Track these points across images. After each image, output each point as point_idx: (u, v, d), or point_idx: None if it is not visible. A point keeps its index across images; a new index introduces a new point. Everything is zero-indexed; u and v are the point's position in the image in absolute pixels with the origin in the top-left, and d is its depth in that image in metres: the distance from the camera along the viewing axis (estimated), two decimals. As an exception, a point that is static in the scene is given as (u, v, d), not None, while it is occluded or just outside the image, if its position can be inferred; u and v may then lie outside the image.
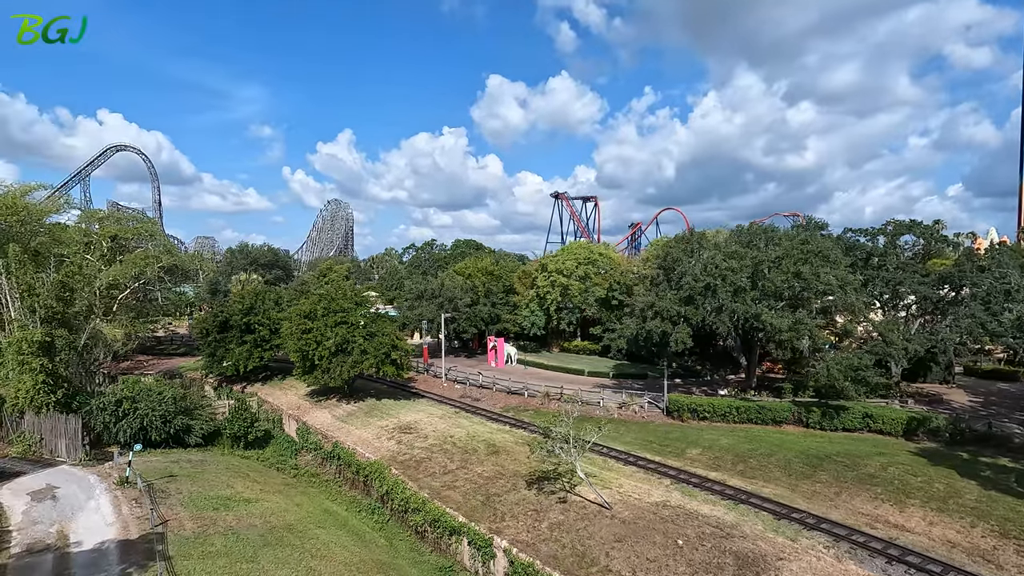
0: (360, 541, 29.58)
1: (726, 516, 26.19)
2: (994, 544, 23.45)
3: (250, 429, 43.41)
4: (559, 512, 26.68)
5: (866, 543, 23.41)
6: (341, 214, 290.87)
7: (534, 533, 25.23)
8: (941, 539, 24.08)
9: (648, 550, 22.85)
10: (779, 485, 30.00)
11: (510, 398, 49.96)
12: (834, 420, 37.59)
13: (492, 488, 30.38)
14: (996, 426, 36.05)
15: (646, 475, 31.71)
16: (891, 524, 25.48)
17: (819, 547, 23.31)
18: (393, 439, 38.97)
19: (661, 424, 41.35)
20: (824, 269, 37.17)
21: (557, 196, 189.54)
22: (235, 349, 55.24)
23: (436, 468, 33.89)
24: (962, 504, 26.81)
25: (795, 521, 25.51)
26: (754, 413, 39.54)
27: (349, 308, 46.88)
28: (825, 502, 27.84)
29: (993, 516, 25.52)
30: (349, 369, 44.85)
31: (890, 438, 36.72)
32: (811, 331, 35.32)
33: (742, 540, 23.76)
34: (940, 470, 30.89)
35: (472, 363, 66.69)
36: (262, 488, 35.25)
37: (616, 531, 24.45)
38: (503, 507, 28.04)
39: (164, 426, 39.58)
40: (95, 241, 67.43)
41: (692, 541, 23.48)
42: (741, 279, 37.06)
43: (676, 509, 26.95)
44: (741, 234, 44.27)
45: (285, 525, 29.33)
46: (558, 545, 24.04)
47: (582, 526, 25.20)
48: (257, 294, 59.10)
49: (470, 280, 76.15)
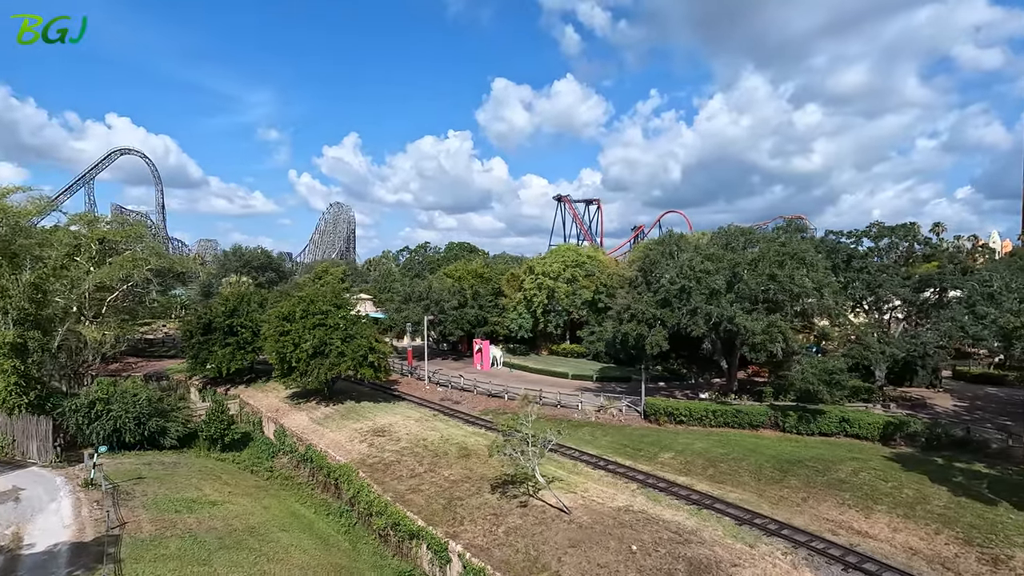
0: (323, 544, 29.35)
1: (687, 521, 25.82)
2: (956, 552, 22.98)
3: (227, 431, 43.29)
4: (518, 516, 26.36)
5: (825, 550, 23.00)
6: (343, 217, 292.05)
7: (490, 537, 24.93)
8: (903, 546, 23.62)
9: (600, 556, 22.50)
10: (747, 490, 29.59)
11: (490, 401, 49.68)
12: (810, 424, 37.12)
13: (456, 492, 30.10)
14: (974, 431, 35.47)
15: (614, 479, 31.35)
16: (855, 530, 25.03)
17: (777, 553, 22.91)
18: (365, 442, 38.75)
19: (638, 428, 40.96)
20: (800, 272, 36.74)
21: (560, 199, 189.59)
22: (218, 351, 55.24)
23: (404, 471, 33.65)
24: (929, 510, 26.33)
25: (756, 527, 25.11)
26: (730, 417, 39.13)
27: (328, 310, 46.75)
28: (791, 507, 27.41)
29: (959, 523, 25.04)
30: (327, 371, 44.70)
31: (866, 443, 36.21)
32: (784, 334, 34.88)
33: (699, 546, 23.38)
34: (912, 475, 30.40)
35: (458, 366, 66.43)
36: (231, 491, 35.11)
37: (572, 536, 24.12)
38: (464, 511, 27.75)
39: (138, 428, 39.51)
40: (84, 243, 67.74)
41: (647, 547, 23.12)
42: (716, 281, 36.68)
43: (638, 514, 26.59)
44: (721, 236, 43.88)
45: (247, 528, 29.14)
46: (512, 550, 23.73)
47: (539, 531, 24.88)
48: (241, 296, 59.13)
49: (459, 283, 76.03)
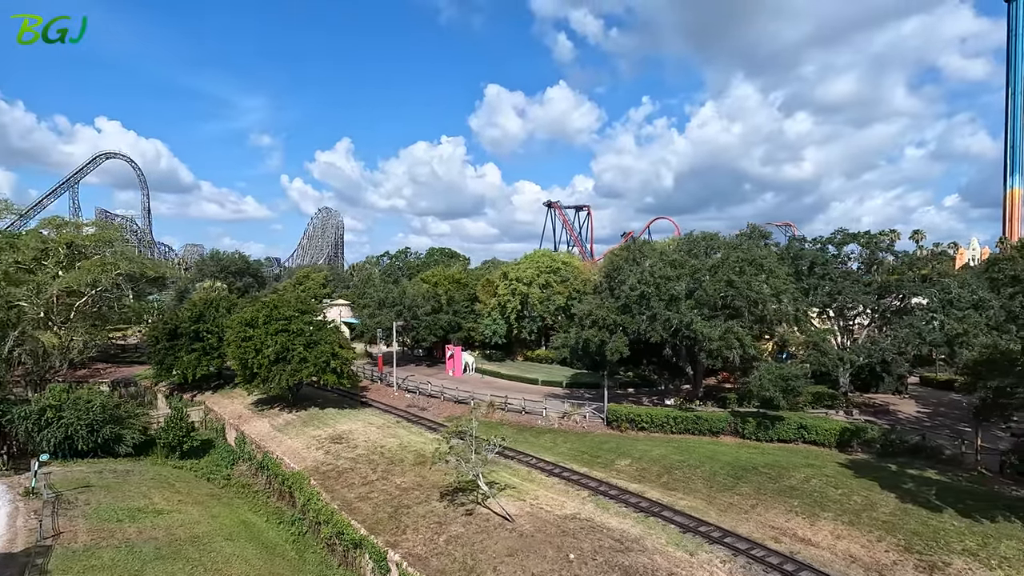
0: (268, 554, 28.82)
1: (632, 529, 25.60)
2: (895, 559, 22.91)
3: (185, 439, 42.60)
4: (461, 525, 26.02)
5: (764, 558, 22.84)
6: (332, 222, 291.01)
7: (430, 546, 24.57)
8: (844, 554, 23.51)
9: (536, 564, 22.21)
10: (697, 497, 29.42)
11: (456, 407, 49.25)
12: (769, 431, 37.06)
13: (405, 500, 29.70)
14: (930, 438, 35.55)
15: (567, 486, 31.08)
16: (798, 538, 24.90)
17: (715, 561, 22.72)
18: (322, 449, 38.25)
19: (600, 434, 40.75)
20: (759, 278, 36.81)
21: (550, 205, 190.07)
22: (183, 357, 54.53)
23: (356, 479, 33.20)
24: (875, 517, 26.27)
25: (700, 535, 24.92)
26: (691, 423, 39.01)
27: (291, 316, 46.28)
28: (739, 515, 27.26)
29: (903, 530, 24.98)
30: (288, 377, 44.19)
31: (824, 449, 36.19)
32: (741, 340, 34.84)
33: (639, 554, 23.15)
34: (863, 482, 30.37)
35: (431, 372, 66.00)
36: (181, 499, 34.47)
37: (511, 545, 23.81)
38: (409, 519, 27.36)
39: (91, 435, 38.79)
40: (52, 248, 66.78)
41: (585, 555, 22.85)
42: (675, 288, 36.65)
43: (584, 522, 26.34)
44: (685, 243, 43.95)
45: (190, 537, 28.56)
46: (449, 559, 23.38)
47: (479, 539, 24.55)
48: (207, 302, 58.46)
49: (435, 288, 75.71)
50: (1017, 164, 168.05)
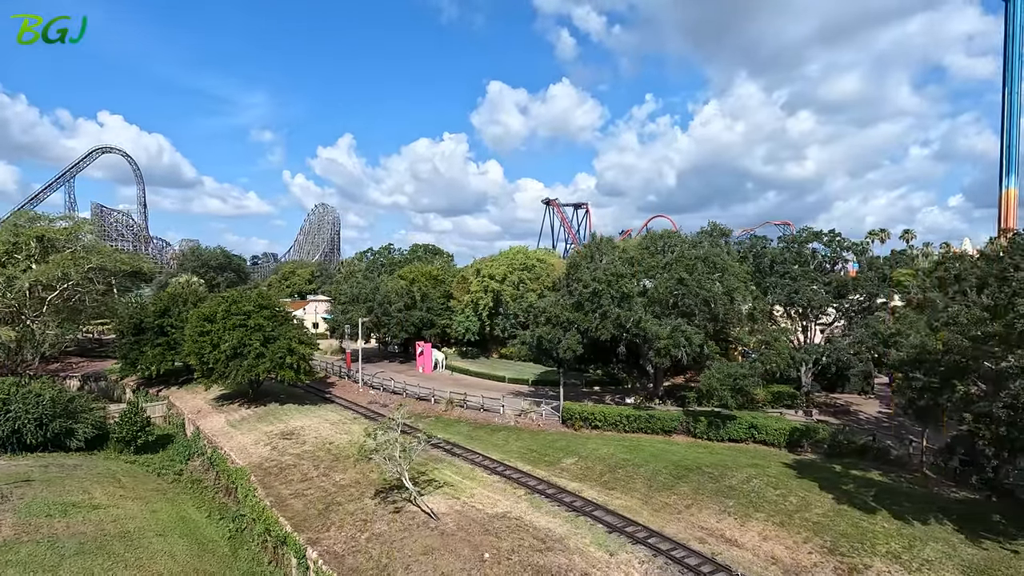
0: (199, 550, 28.54)
1: (559, 528, 25.31)
2: (816, 561, 22.61)
3: (140, 433, 42.35)
4: (386, 522, 25.75)
5: (683, 559, 22.54)
6: (328, 218, 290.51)
7: (350, 544, 24.30)
8: (766, 555, 23.22)
9: (449, 563, 21.92)
10: (634, 496, 29.14)
11: (418, 404, 49.00)
12: (720, 430, 36.75)
13: (340, 497, 29.42)
14: (880, 439, 35.25)
15: (505, 485, 30.78)
16: (724, 539, 24.61)
17: (634, 562, 22.44)
18: (270, 445, 37.99)
19: (554, 433, 40.43)
20: (713, 276, 36.45)
21: (548, 203, 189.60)
22: (148, 352, 54.25)
23: (297, 475, 32.93)
24: (807, 518, 25.97)
25: (626, 535, 24.62)
26: (644, 422, 38.69)
27: (250, 311, 45.97)
28: (671, 515, 26.98)
29: (831, 531, 24.70)
30: (245, 373, 43.89)
31: (773, 449, 35.91)
32: (689, 339, 34.49)
33: (557, 554, 22.86)
34: (803, 483, 30.07)
35: (403, 368, 65.76)
36: (124, 494, 34.23)
37: (429, 543, 23.52)
38: (337, 516, 27.10)
39: (39, 429, 38.53)
40: (22, 242, 66.52)
41: (501, 554, 22.56)
42: (627, 285, 36.30)
43: (512, 520, 26.05)
44: (647, 240, 43.58)
45: (120, 533, 28.31)
46: (365, 557, 23.12)
47: (400, 537, 24.27)
48: (173, 296, 58.15)
49: (413, 285, 75.40)
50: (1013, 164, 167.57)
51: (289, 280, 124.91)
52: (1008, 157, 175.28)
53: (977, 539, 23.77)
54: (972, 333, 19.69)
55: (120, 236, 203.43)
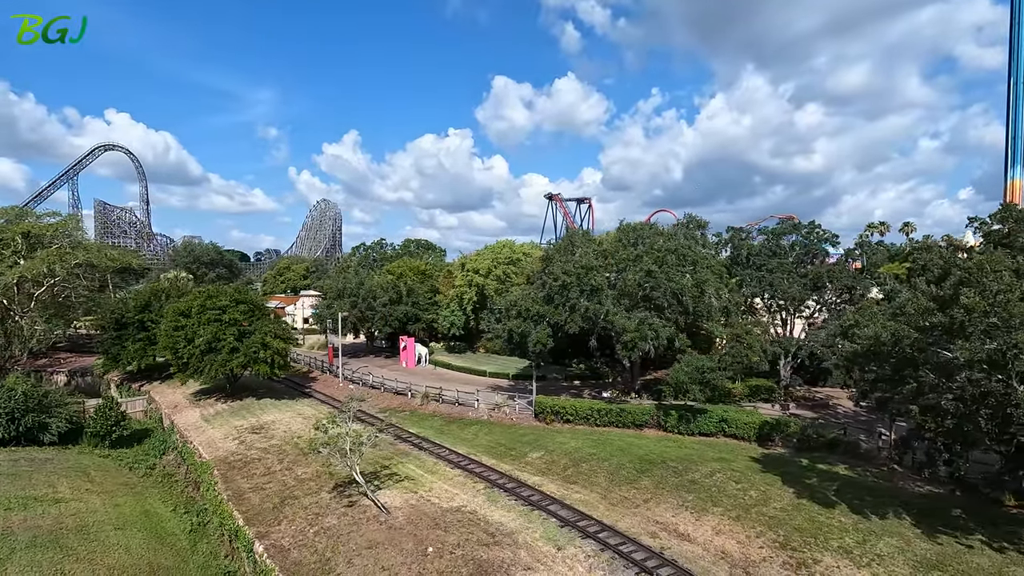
0: (157, 544, 28.47)
1: (512, 523, 25.06)
2: (766, 555, 22.26)
3: (114, 428, 42.39)
4: (337, 517, 25.59)
5: (631, 553, 22.22)
6: (329, 214, 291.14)
7: (297, 538, 24.16)
8: (717, 549, 22.88)
9: (390, 557, 21.73)
10: (594, 491, 28.85)
11: (395, 399, 48.94)
12: (690, 424, 36.37)
13: (298, 491, 29.29)
14: (851, 433, 34.80)
15: (466, 479, 30.55)
16: (677, 533, 24.29)
17: (580, 556, 22.16)
18: (238, 439, 37.93)
19: (526, 427, 40.17)
20: (685, 268, 35.99)
21: (551, 197, 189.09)
22: (129, 347, 54.36)
23: (260, 469, 32.84)
24: (764, 512, 25.62)
25: (578, 529, 24.32)
26: (615, 416, 38.36)
27: (226, 305, 45.87)
28: (628, 509, 26.68)
29: (787, 526, 24.34)
30: (219, 367, 43.85)
31: (743, 443, 35.51)
32: (657, 332, 34.06)
33: (504, 548, 22.61)
34: (768, 477, 29.71)
35: (387, 363, 65.67)
36: (90, 488, 34.26)
37: (375, 537, 23.34)
38: (291, 510, 26.97)
39: (11, 423, 38.64)
40: (8, 238, 66.78)
41: (445, 548, 22.34)
42: (596, 278, 35.90)
43: (466, 514, 25.83)
44: (621, 232, 43.09)
45: (78, 527, 28.30)
46: (310, 551, 22.96)
47: (348, 532, 24.10)
48: (155, 291, 58.22)
49: (400, 279, 75.23)
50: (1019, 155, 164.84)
51: (284, 276, 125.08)
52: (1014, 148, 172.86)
53: (934, 534, 23.37)
54: (919, 323, 19.22)
55: (123, 233, 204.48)
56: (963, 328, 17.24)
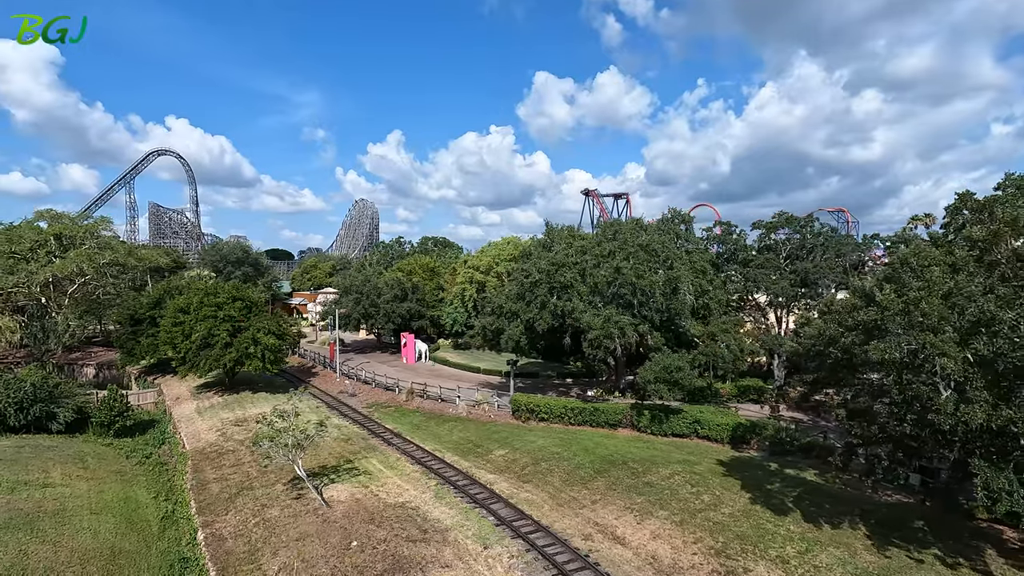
0: (126, 529, 29.82)
1: (449, 520, 25.02)
2: (697, 562, 21.46)
3: (117, 418, 44.72)
4: (280, 508, 26.18)
5: (555, 555, 21.82)
6: (367, 213, 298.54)
7: (238, 528, 24.87)
8: (647, 554, 22.21)
9: (313, 550, 22.06)
10: (544, 490, 28.49)
11: (384, 394, 49.65)
12: (663, 425, 35.40)
13: (257, 482, 30.12)
14: (830, 437, 33.04)
15: (423, 475, 30.68)
16: (612, 536, 23.71)
17: (504, 555, 21.92)
18: (220, 431, 39.32)
19: (502, 424, 40.00)
20: (656, 264, 34.98)
21: (587, 193, 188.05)
22: (143, 342, 57.17)
23: (231, 460, 33.96)
24: (709, 518, 24.70)
25: (512, 528, 24.08)
26: (589, 415, 37.73)
27: (222, 302, 47.62)
28: (573, 510, 26.21)
29: (729, 532, 23.41)
30: (212, 362, 45.58)
31: (717, 445, 34.33)
32: (623, 330, 33.20)
33: (430, 545, 22.59)
34: (727, 480, 28.62)
35: (389, 359, 66.68)
36: (81, 475, 36.24)
37: (307, 530, 23.75)
38: (244, 501, 27.77)
39: (20, 413, 41.32)
40: (43, 239, 71.52)
41: (370, 543, 22.51)
42: (566, 275, 35.34)
43: (406, 510, 25.94)
44: (601, 228, 42.24)
45: (56, 510, 29.98)
46: (244, 541, 23.61)
47: (285, 523, 24.62)
48: (167, 289, 60.97)
49: (410, 277, 76.25)
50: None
51: (310, 273, 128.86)
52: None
53: (886, 545, 21.97)
54: (846, 322, 17.95)
55: (175, 234, 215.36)
56: (878, 327, 15.98)
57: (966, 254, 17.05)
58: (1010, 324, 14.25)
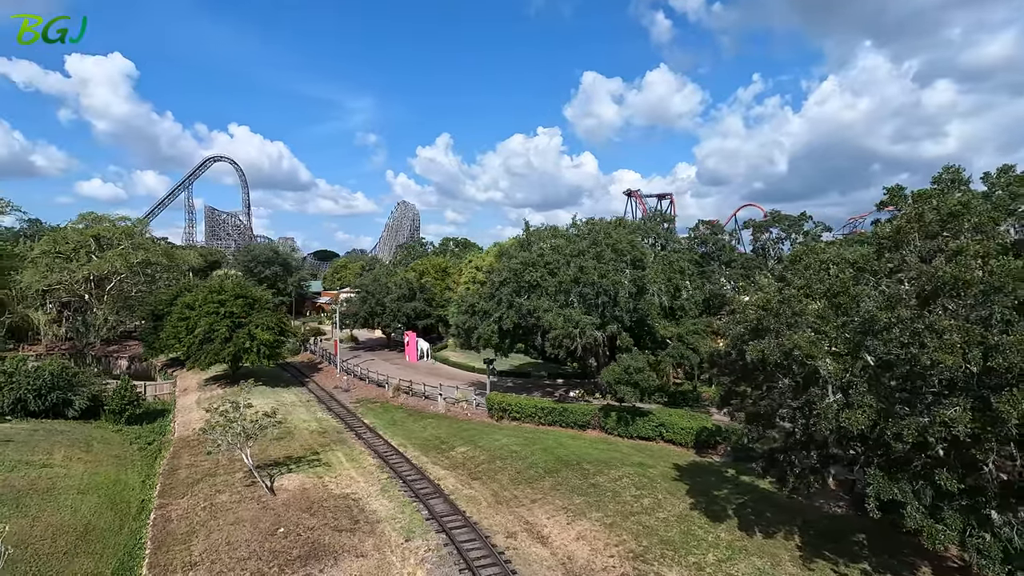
0: (105, 509, 31.79)
1: (384, 512, 25.60)
2: (611, 564, 21.21)
3: (127, 407, 47.84)
4: (230, 494, 27.44)
5: (470, 551, 22.00)
6: (408, 214, 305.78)
7: (186, 511, 26.25)
8: (564, 555, 22.10)
9: (242, 534, 23.07)
10: (489, 488, 28.66)
11: (375, 390, 50.89)
12: (629, 427, 34.84)
13: (224, 470, 31.51)
14: (800, 443, 31.57)
15: (377, 469, 31.38)
16: (537, 536, 23.68)
17: (422, 548, 22.30)
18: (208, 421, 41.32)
19: (476, 422, 40.33)
20: (622, 265, 34.54)
21: (630, 194, 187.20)
22: (161, 336, 60.71)
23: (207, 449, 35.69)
24: (641, 521, 24.28)
25: (440, 522, 24.38)
26: (558, 416, 37.55)
27: (225, 299, 50.08)
28: (509, 508, 26.29)
29: (656, 536, 23.01)
30: (212, 356, 48.01)
31: (681, 449, 33.57)
32: (582, 329, 32.87)
33: (354, 535, 23.21)
34: (676, 485, 27.98)
35: (393, 357, 68.16)
36: (81, 458, 38.96)
37: (244, 515, 24.82)
38: (204, 487, 29.23)
39: (38, 399, 44.85)
40: (83, 240, 77.18)
41: (297, 530, 23.34)
42: (532, 274, 35.37)
43: (347, 501, 26.68)
44: (577, 228, 41.90)
45: (46, 488, 32.39)
46: (186, 523, 24.91)
47: (229, 508, 25.81)
48: (185, 287, 64.50)
49: (422, 277, 77.75)
50: None
51: (340, 274, 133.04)
52: None
53: (814, 558, 21.05)
54: (744, 321, 17.27)
55: (228, 235, 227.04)
56: (762, 327, 15.32)
57: (869, 252, 16.10)
58: (885, 324, 13.42)
